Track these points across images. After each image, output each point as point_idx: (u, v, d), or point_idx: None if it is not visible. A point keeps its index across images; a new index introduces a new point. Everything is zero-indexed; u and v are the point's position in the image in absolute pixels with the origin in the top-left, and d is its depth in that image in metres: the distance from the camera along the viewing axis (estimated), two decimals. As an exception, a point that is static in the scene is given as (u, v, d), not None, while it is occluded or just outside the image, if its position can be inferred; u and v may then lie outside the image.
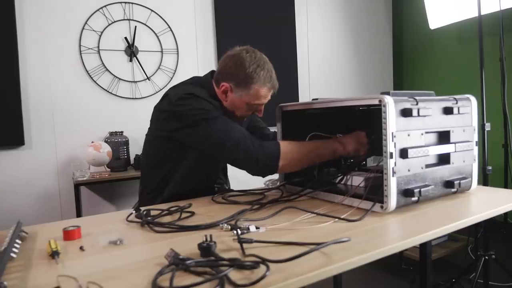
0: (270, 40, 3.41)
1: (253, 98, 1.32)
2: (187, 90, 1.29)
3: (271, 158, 1.21)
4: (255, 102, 1.33)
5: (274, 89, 1.37)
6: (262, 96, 1.33)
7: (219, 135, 1.22)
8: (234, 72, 1.30)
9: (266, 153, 1.21)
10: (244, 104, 1.33)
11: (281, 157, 1.21)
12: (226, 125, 1.24)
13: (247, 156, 1.21)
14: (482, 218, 0.99)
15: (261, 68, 1.30)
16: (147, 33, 2.96)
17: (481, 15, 2.22)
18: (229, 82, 1.31)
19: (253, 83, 1.30)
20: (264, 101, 1.36)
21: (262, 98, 1.34)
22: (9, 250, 0.76)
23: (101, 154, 2.47)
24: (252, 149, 1.21)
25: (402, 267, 2.61)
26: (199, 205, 1.18)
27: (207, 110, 1.24)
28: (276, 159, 1.21)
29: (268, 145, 1.24)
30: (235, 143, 1.21)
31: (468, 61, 3.51)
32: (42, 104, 2.62)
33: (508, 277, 2.18)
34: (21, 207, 2.56)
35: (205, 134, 1.23)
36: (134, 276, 0.67)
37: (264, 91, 1.32)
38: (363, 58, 4.02)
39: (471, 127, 1.18)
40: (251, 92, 1.31)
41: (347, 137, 1.27)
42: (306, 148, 1.25)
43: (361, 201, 1.03)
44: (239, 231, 0.84)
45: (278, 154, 1.21)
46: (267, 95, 1.35)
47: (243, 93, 1.31)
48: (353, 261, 0.70)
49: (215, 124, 1.23)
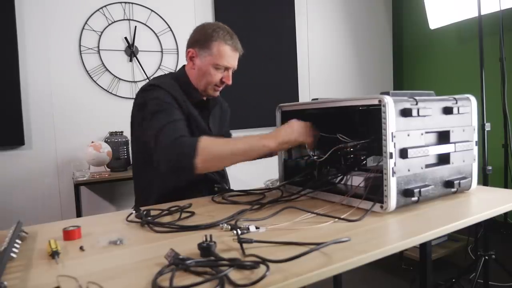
0: (270, 40, 3.41)
1: (216, 57, 1.35)
2: (151, 82, 1.35)
3: (186, 155, 1.11)
4: (219, 62, 1.35)
5: (238, 50, 1.39)
6: (226, 56, 1.35)
7: (153, 128, 1.20)
8: (196, 36, 1.38)
9: (181, 150, 1.13)
10: (209, 67, 1.36)
11: (198, 154, 1.11)
12: (164, 120, 1.20)
13: (165, 151, 1.15)
14: (482, 218, 0.99)
15: (221, 29, 1.37)
16: (147, 33, 2.96)
17: (481, 15, 2.22)
18: (194, 47, 1.38)
19: (213, 41, 1.34)
20: (229, 61, 1.37)
21: (226, 57, 1.36)
22: (9, 250, 0.76)
23: (101, 154, 2.47)
24: (172, 145, 1.14)
25: (402, 267, 2.61)
26: (199, 205, 1.18)
27: (159, 100, 1.26)
28: (192, 156, 1.10)
29: (185, 141, 1.16)
30: (162, 136, 1.17)
31: (468, 61, 3.51)
32: (42, 104, 2.62)
33: (508, 277, 2.18)
34: (21, 207, 2.56)
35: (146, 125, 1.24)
36: (134, 276, 0.67)
37: (226, 49, 1.35)
38: (363, 58, 4.02)
39: (471, 127, 1.18)
40: (213, 50, 1.34)
41: (279, 128, 1.23)
42: (230, 144, 1.20)
43: (361, 201, 1.03)
44: (239, 231, 0.84)
45: (195, 150, 1.11)
46: (231, 55, 1.37)
47: (206, 53, 1.35)
48: (353, 261, 0.70)
49: (155, 118, 1.22)
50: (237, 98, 3.27)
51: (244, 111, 3.27)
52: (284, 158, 1.36)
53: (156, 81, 1.34)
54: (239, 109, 3.28)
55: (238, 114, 3.36)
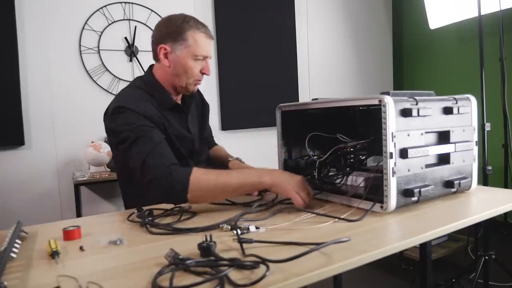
0: (270, 40, 3.41)
1: (194, 48, 1.28)
2: (118, 101, 1.25)
3: (178, 192, 1.08)
4: (197, 52, 1.28)
5: (211, 37, 1.33)
6: (203, 44, 1.29)
7: (136, 158, 1.14)
8: (165, 30, 1.30)
9: (171, 186, 1.08)
10: (188, 60, 1.28)
11: (190, 190, 1.08)
12: (145, 148, 1.14)
13: (154, 183, 1.10)
14: (482, 218, 0.99)
15: (190, 18, 1.31)
16: (147, 33, 2.95)
17: (481, 15, 2.22)
18: (165, 43, 1.30)
19: (186, 31, 1.28)
20: (207, 50, 1.31)
21: (203, 46, 1.29)
22: (9, 250, 0.76)
23: (101, 154, 2.47)
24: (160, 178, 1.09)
25: (402, 267, 2.61)
26: (201, 206, 1.17)
27: (130, 125, 1.18)
28: (183, 192, 1.08)
29: (174, 175, 1.09)
30: (147, 169, 1.11)
31: (468, 61, 3.51)
32: (42, 104, 2.62)
33: (508, 277, 2.18)
34: (21, 207, 2.56)
35: (128, 155, 1.17)
36: (134, 276, 0.67)
37: (201, 37, 1.29)
38: (363, 58, 4.02)
39: (471, 127, 1.18)
40: (189, 41, 1.27)
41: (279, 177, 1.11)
42: (224, 179, 1.10)
43: (361, 201, 1.03)
44: (239, 231, 0.84)
45: (186, 187, 1.07)
46: (207, 43, 1.31)
47: (181, 46, 1.28)
48: (353, 261, 0.70)
49: (135, 146, 1.16)
50: (237, 98, 3.28)
51: (244, 111, 3.27)
52: (284, 158, 1.36)
53: (123, 101, 1.24)
54: (239, 109, 3.29)
55: (238, 114, 3.39)
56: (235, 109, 3.25)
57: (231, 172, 1.17)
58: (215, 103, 3.21)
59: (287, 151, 1.36)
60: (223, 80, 3.21)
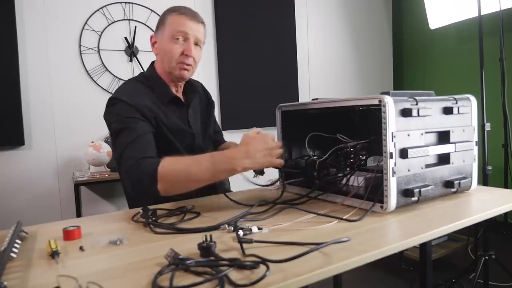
0: (270, 40, 3.42)
1: (170, 28, 1.30)
2: (114, 94, 1.29)
3: (146, 182, 1.06)
4: (173, 31, 1.29)
5: (196, 19, 1.33)
6: (180, 23, 1.30)
7: (117, 150, 1.17)
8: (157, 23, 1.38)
9: (140, 177, 1.07)
10: (167, 42, 1.30)
11: (158, 180, 1.05)
12: (126, 140, 1.15)
13: (126, 176, 1.11)
14: (482, 218, 0.99)
15: (174, 8, 1.35)
16: (147, 33, 2.95)
17: (481, 15, 2.22)
18: (154, 34, 1.39)
19: (165, 16, 1.33)
20: (185, 27, 1.30)
21: (181, 24, 1.29)
22: (9, 250, 0.76)
23: (101, 154, 2.47)
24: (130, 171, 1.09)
25: (402, 267, 2.61)
26: (204, 206, 1.17)
27: (119, 116, 1.20)
28: (152, 183, 1.06)
29: (143, 167, 1.08)
30: (123, 161, 1.13)
31: (468, 61, 3.51)
32: (42, 104, 2.62)
33: (508, 277, 2.18)
34: (21, 207, 2.56)
35: (113, 147, 1.21)
36: (134, 276, 0.67)
37: (179, 17, 1.30)
38: (363, 58, 4.02)
39: (471, 127, 1.18)
40: (166, 24, 1.32)
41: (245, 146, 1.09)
42: (194, 166, 1.07)
43: (362, 201, 1.03)
44: (241, 232, 0.84)
45: (154, 178, 1.05)
46: (187, 23, 1.30)
47: (162, 31, 1.33)
48: (353, 261, 0.70)
49: (118, 137, 1.18)
50: (237, 98, 3.28)
51: (244, 111, 3.27)
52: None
53: (118, 93, 1.28)
54: (239, 109, 3.29)
55: (238, 114, 3.39)
56: (235, 109, 3.25)
57: (201, 161, 1.08)
58: (215, 103, 3.19)
59: (287, 151, 1.36)
60: (223, 80, 3.21)
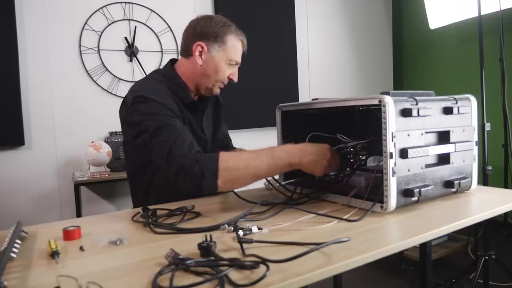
0: (270, 40, 3.42)
1: (231, 52, 1.29)
2: (139, 91, 1.22)
3: (208, 178, 1.05)
4: (233, 57, 1.30)
5: (245, 47, 1.35)
6: (239, 51, 1.32)
7: (160, 148, 1.11)
8: (206, 29, 1.28)
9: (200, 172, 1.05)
10: (222, 62, 1.29)
11: (220, 175, 1.05)
12: (170, 137, 1.11)
13: (182, 172, 1.07)
14: (482, 218, 0.99)
15: (230, 23, 1.32)
16: (147, 33, 2.96)
17: (481, 15, 2.22)
18: (203, 40, 1.27)
19: (227, 34, 1.28)
20: (240, 57, 1.33)
21: (239, 53, 1.32)
22: (9, 250, 0.76)
23: (101, 154, 2.47)
24: (188, 167, 1.06)
25: (402, 267, 2.61)
26: (204, 206, 1.16)
27: (152, 114, 1.15)
28: (214, 178, 1.05)
29: (203, 161, 1.06)
30: (173, 159, 1.09)
31: (468, 61, 3.51)
32: (42, 104, 2.62)
33: (508, 277, 2.18)
34: (21, 207, 2.56)
35: (150, 146, 1.15)
36: (134, 276, 0.67)
37: (239, 44, 1.31)
38: (363, 58, 4.02)
39: (471, 127, 1.18)
40: (228, 45, 1.28)
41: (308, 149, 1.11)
42: (253, 161, 1.07)
43: (362, 201, 1.03)
44: (241, 232, 0.84)
45: (216, 172, 1.05)
46: (241, 51, 1.33)
47: (220, 48, 1.28)
48: (353, 261, 0.70)
49: (158, 136, 1.13)
50: (237, 98, 3.27)
51: (244, 111, 3.27)
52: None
53: (143, 91, 1.21)
54: (239, 109, 3.29)
55: (238, 114, 3.39)
56: (235, 109, 3.25)
57: (260, 155, 1.09)
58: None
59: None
60: (223, 80, 3.21)
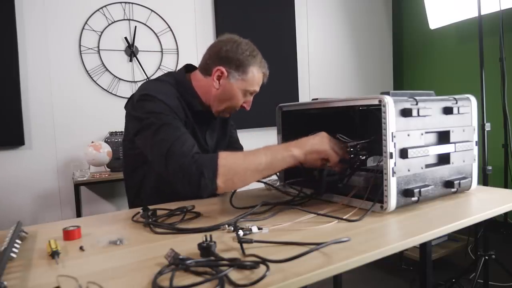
0: (270, 40, 3.41)
1: (250, 83, 1.27)
2: (146, 89, 1.21)
3: (207, 178, 1.01)
4: (250, 88, 1.28)
5: (266, 78, 1.34)
6: (258, 82, 1.30)
7: (160, 146, 1.08)
8: (230, 54, 1.24)
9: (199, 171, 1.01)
10: (239, 91, 1.27)
11: (219, 174, 1.01)
12: (171, 136, 1.09)
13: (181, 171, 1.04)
14: (482, 218, 0.99)
15: (257, 52, 1.29)
16: (147, 33, 2.96)
17: (481, 15, 2.22)
18: (225, 66, 1.24)
19: (251, 65, 1.25)
20: (258, 88, 1.32)
21: (257, 84, 1.30)
22: (9, 250, 0.76)
23: (101, 154, 2.47)
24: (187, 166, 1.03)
25: (402, 267, 2.61)
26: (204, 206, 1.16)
27: (157, 113, 1.14)
28: (213, 177, 1.01)
29: (202, 160, 1.03)
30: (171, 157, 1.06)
31: (468, 61, 3.51)
32: (42, 104, 2.62)
33: (508, 277, 2.18)
34: (21, 207, 2.56)
35: (150, 143, 1.13)
36: (134, 276, 0.67)
37: (260, 76, 1.30)
38: (363, 58, 4.02)
39: (471, 127, 1.18)
40: (249, 76, 1.26)
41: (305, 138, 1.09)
42: (252, 158, 1.04)
43: (362, 201, 1.03)
44: (241, 232, 0.84)
45: (216, 171, 1.01)
46: (260, 82, 1.32)
47: (240, 77, 1.25)
48: (353, 261, 0.70)
49: (160, 133, 1.10)
50: (237, 98, 3.28)
51: (244, 111, 3.26)
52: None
53: (152, 91, 1.19)
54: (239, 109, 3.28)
55: (238, 114, 3.38)
56: (235, 109, 3.25)
57: (257, 150, 1.07)
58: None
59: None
60: (223, 80, 3.21)
